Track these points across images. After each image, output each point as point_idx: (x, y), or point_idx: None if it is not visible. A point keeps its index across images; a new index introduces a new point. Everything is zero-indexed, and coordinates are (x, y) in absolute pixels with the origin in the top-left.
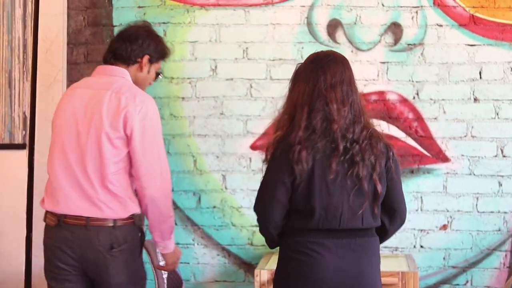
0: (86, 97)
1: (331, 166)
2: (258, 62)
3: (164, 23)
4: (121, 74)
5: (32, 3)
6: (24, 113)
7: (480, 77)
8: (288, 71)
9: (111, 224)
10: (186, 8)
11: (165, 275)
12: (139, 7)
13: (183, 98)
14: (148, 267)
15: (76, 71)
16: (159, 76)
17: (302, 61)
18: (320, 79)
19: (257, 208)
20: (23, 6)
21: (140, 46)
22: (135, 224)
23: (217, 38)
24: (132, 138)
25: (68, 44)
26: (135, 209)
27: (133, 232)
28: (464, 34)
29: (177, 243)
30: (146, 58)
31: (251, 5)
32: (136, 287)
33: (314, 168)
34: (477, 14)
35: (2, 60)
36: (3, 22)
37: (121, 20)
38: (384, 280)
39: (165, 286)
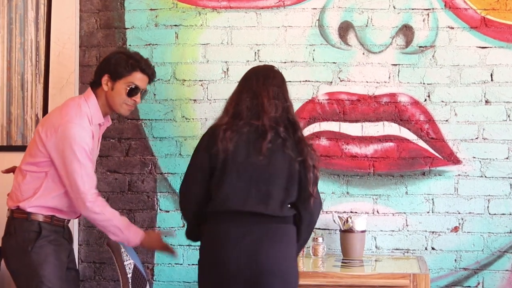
0: None
1: (259, 150)
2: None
3: (176, 25)
4: (87, 97)
5: (44, 5)
6: (36, 115)
7: (492, 79)
8: (299, 74)
9: None
10: (198, 10)
11: (129, 274)
12: (151, 9)
13: (194, 100)
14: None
15: (88, 73)
16: (134, 90)
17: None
18: (253, 80)
19: (180, 188)
20: (36, 8)
21: (100, 67)
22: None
23: (229, 40)
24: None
25: (80, 46)
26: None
27: None
28: (475, 36)
29: (189, 245)
30: (105, 77)
31: (262, 8)
32: None
33: (236, 150)
34: (488, 17)
35: (15, 62)
36: (16, 25)
37: (133, 23)
38: (395, 282)
39: (130, 285)
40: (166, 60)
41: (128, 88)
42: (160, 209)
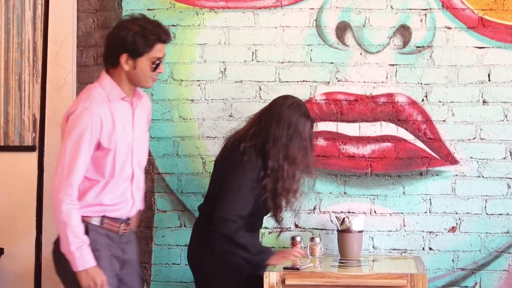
0: None
1: None
2: (267, 65)
3: (173, 25)
4: (100, 80)
5: (42, 5)
6: (34, 115)
7: (489, 80)
8: (297, 74)
9: None
10: (195, 10)
11: None
12: (149, 9)
13: (192, 100)
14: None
15: (85, 73)
16: (158, 64)
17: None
18: None
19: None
20: (33, 8)
21: (113, 46)
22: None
23: (226, 40)
24: None
25: (77, 46)
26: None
27: None
28: (472, 36)
29: (185, 245)
30: (123, 56)
31: (260, 8)
32: None
33: None
34: (486, 17)
35: (12, 62)
36: (13, 25)
37: None
38: (392, 282)
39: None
40: (164, 60)
41: (154, 65)
42: (157, 210)
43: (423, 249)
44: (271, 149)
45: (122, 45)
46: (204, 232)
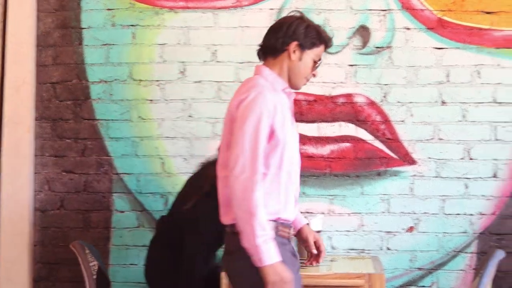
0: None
1: None
2: (226, 65)
3: (133, 25)
4: (257, 72)
5: (1, 5)
6: None
7: (448, 80)
8: None
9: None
10: (155, 10)
11: (94, 276)
12: (108, 9)
13: (151, 100)
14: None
15: (44, 73)
16: (317, 64)
17: None
18: None
19: None
20: None
21: (285, 33)
22: None
23: (186, 40)
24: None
25: (37, 46)
26: None
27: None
28: (431, 37)
29: (144, 245)
30: (293, 44)
31: (220, 8)
32: None
33: None
34: (445, 18)
35: None
36: None
37: (90, 23)
38: (350, 282)
39: (95, 287)
40: (123, 60)
41: (318, 63)
42: (116, 210)
43: (381, 249)
44: None
45: (293, 33)
46: None
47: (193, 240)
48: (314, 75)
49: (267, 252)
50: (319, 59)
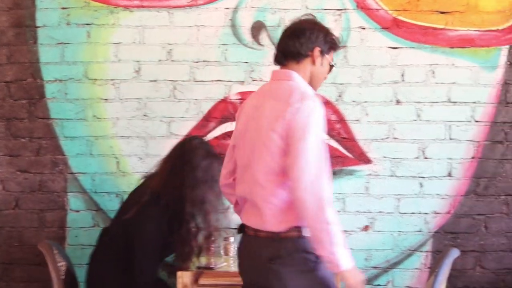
0: (252, 108)
1: None
2: (181, 64)
3: (87, 24)
4: (287, 77)
5: None
6: None
7: (403, 80)
8: (212, 73)
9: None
10: (110, 9)
11: (62, 276)
12: (63, 8)
13: (106, 99)
14: None
15: None
16: (333, 67)
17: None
18: None
19: None
20: None
21: (308, 39)
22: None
23: (141, 39)
24: (289, 137)
25: None
26: None
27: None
28: (386, 37)
29: (93, 245)
30: (317, 50)
31: (175, 7)
32: None
33: None
34: (400, 17)
35: None
36: None
37: (45, 21)
38: None
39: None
40: (78, 59)
41: (333, 67)
42: (70, 209)
43: None
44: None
45: (316, 38)
46: None
47: (141, 242)
48: (325, 78)
49: (345, 258)
50: (333, 63)
